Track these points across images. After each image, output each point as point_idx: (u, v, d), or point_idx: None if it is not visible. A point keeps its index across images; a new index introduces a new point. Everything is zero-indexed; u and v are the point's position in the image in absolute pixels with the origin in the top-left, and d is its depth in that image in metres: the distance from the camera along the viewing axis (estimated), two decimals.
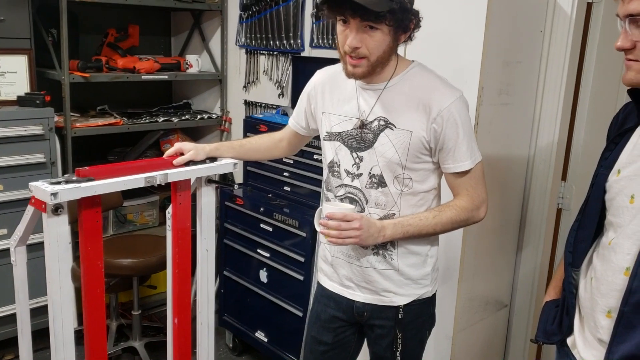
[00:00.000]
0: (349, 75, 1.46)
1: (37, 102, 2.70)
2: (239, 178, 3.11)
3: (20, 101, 2.73)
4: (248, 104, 3.33)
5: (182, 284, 1.71)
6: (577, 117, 2.26)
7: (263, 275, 2.70)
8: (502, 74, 2.00)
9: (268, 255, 2.65)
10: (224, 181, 2.95)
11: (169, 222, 1.68)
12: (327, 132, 1.59)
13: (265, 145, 1.83)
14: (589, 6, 2.16)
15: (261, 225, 2.67)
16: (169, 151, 1.67)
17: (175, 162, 1.63)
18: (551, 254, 2.37)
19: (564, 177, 2.31)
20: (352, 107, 1.54)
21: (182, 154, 1.66)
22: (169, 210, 1.67)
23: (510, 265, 2.38)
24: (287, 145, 1.83)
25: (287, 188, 2.70)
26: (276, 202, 2.68)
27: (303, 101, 1.72)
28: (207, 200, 1.74)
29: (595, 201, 1.26)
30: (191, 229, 1.71)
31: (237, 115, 3.39)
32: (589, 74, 2.21)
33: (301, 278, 2.49)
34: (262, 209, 2.66)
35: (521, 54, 2.08)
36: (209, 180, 1.72)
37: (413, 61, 1.53)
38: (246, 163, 2.89)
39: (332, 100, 1.59)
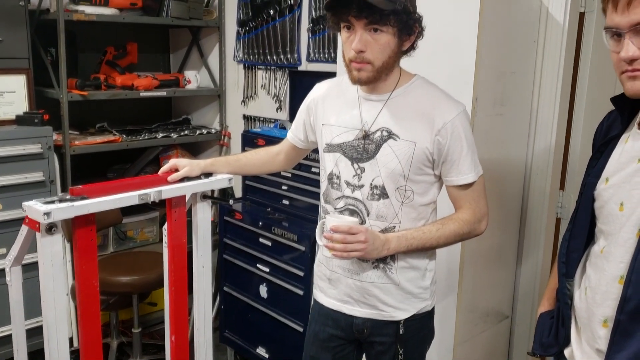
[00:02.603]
0: (354, 81, 1.46)
1: (36, 120, 2.71)
2: (237, 192, 3.11)
3: (19, 120, 2.75)
4: (247, 118, 3.34)
5: (179, 300, 1.70)
6: (574, 126, 2.26)
7: (263, 291, 2.69)
8: (496, 84, 2.00)
9: (267, 270, 2.64)
10: (220, 196, 2.95)
11: (165, 239, 1.68)
12: (327, 144, 1.59)
13: (261, 159, 1.83)
14: (582, 15, 2.17)
15: (260, 239, 2.66)
16: (164, 168, 1.68)
17: (169, 178, 1.64)
18: (551, 264, 2.34)
19: (562, 187, 2.31)
20: (353, 118, 1.53)
21: (177, 170, 1.66)
22: (165, 227, 1.67)
23: (511, 276, 2.36)
24: (285, 158, 1.82)
25: (285, 202, 2.69)
26: (275, 216, 2.67)
27: (302, 114, 1.71)
28: (203, 216, 1.74)
29: (585, 210, 1.25)
30: (188, 246, 1.70)
31: (236, 129, 3.40)
32: (584, 82, 2.21)
33: (301, 293, 2.48)
34: (260, 223, 2.65)
35: (515, 64, 2.09)
36: (204, 196, 1.72)
37: (415, 74, 1.54)
38: (244, 177, 2.89)
39: (332, 112, 1.59)
